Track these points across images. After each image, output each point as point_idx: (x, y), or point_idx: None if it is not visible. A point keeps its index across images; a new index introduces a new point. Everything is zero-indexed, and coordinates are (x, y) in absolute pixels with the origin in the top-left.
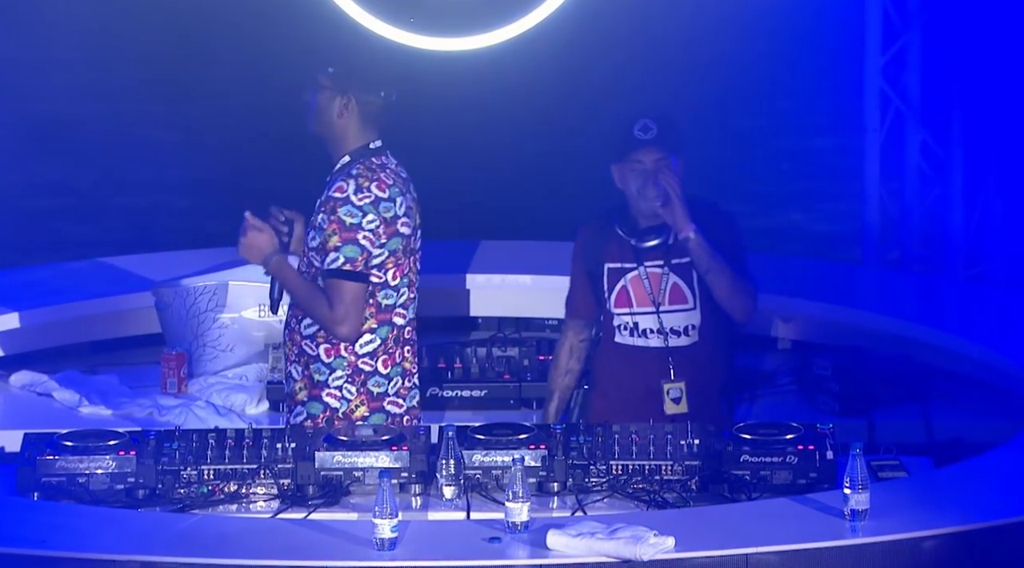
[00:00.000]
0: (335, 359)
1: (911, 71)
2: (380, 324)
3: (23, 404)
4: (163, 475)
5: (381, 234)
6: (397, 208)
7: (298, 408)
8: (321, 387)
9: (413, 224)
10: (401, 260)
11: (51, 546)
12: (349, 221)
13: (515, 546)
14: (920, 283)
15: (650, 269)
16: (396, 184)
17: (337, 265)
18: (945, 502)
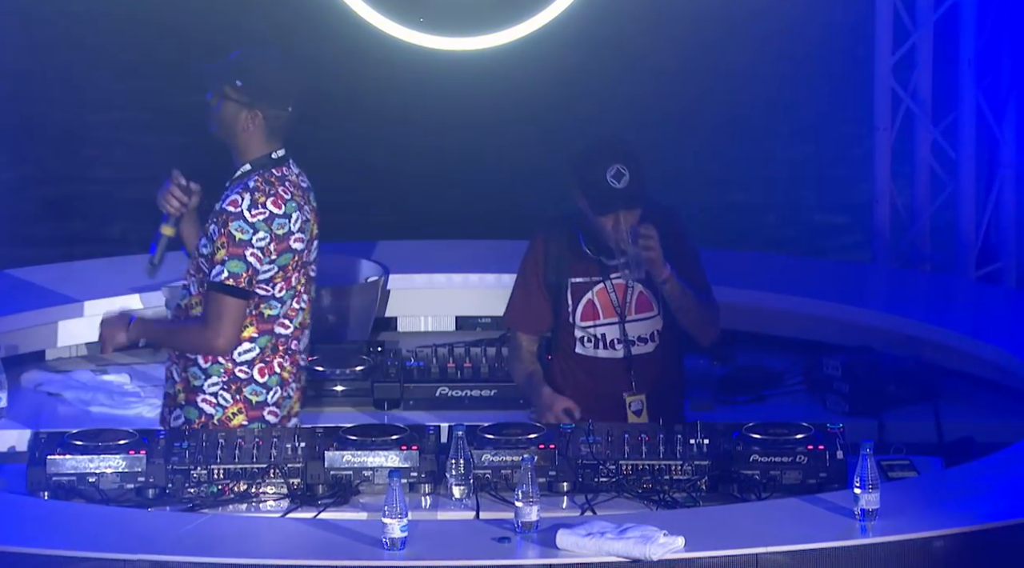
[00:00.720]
0: (211, 365)
1: (921, 70)
2: (260, 334)
3: (33, 403)
4: (173, 474)
5: (271, 251)
6: (291, 224)
7: (176, 411)
8: (197, 392)
9: (308, 237)
10: (291, 274)
11: (61, 545)
12: (239, 237)
13: (525, 546)
14: (931, 283)
15: (616, 281)
16: (293, 198)
17: (220, 279)
18: (955, 502)
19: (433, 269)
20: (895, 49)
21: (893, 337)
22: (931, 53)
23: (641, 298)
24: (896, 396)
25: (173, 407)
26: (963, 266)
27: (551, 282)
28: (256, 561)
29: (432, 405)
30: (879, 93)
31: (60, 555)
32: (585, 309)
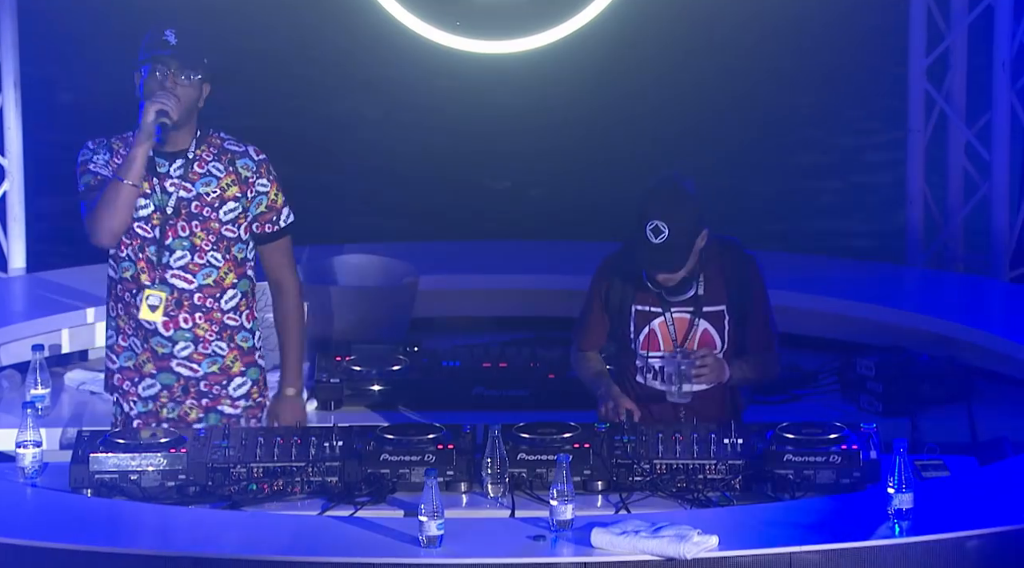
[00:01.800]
0: (254, 323)
1: (955, 72)
2: (240, 278)
3: (77, 402)
4: (213, 472)
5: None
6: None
7: (237, 379)
8: (252, 353)
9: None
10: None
11: (103, 542)
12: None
13: (559, 544)
14: (964, 283)
15: (676, 314)
16: None
17: (292, 220)
18: (989, 502)
19: (474, 270)
20: (929, 51)
21: (926, 337)
22: (965, 55)
23: (705, 335)
24: (929, 396)
25: (229, 378)
26: (997, 267)
27: (614, 306)
28: (294, 558)
29: (468, 404)
30: (913, 95)
31: (102, 551)
32: (647, 339)
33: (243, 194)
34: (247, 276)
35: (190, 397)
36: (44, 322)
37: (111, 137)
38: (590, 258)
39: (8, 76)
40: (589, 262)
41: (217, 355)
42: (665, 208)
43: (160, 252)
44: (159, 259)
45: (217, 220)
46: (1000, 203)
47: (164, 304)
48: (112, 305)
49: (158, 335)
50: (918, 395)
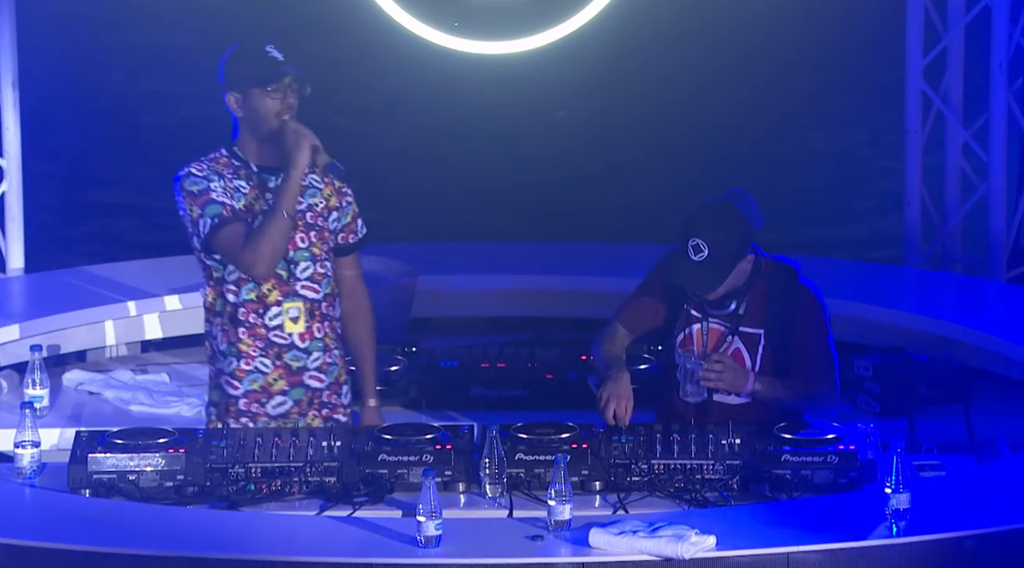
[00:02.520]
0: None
1: (952, 73)
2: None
3: (75, 402)
4: (211, 473)
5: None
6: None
7: (344, 387)
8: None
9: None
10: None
11: (101, 542)
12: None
13: (557, 544)
14: (961, 284)
15: (713, 325)
16: None
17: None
18: (986, 502)
19: (466, 270)
20: (926, 52)
21: (924, 338)
22: (962, 56)
23: (736, 354)
24: (926, 396)
25: (340, 387)
26: (994, 268)
27: (670, 301)
28: (292, 558)
29: (466, 405)
30: (910, 96)
31: (100, 552)
32: (684, 340)
33: (339, 204)
34: None
35: (313, 409)
36: (43, 322)
37: (205, 159)
38: (589, 259)
39: (6, 76)
40: (588, 263)
41: (335, 364)
42: (710, 227)
43: (288, 265)
44: (289, 273)
45: (328, 229)
46: (997, 204)
47: (303, 315)
48: (228, 332)
49: (294, 349)
50: (915, 395)
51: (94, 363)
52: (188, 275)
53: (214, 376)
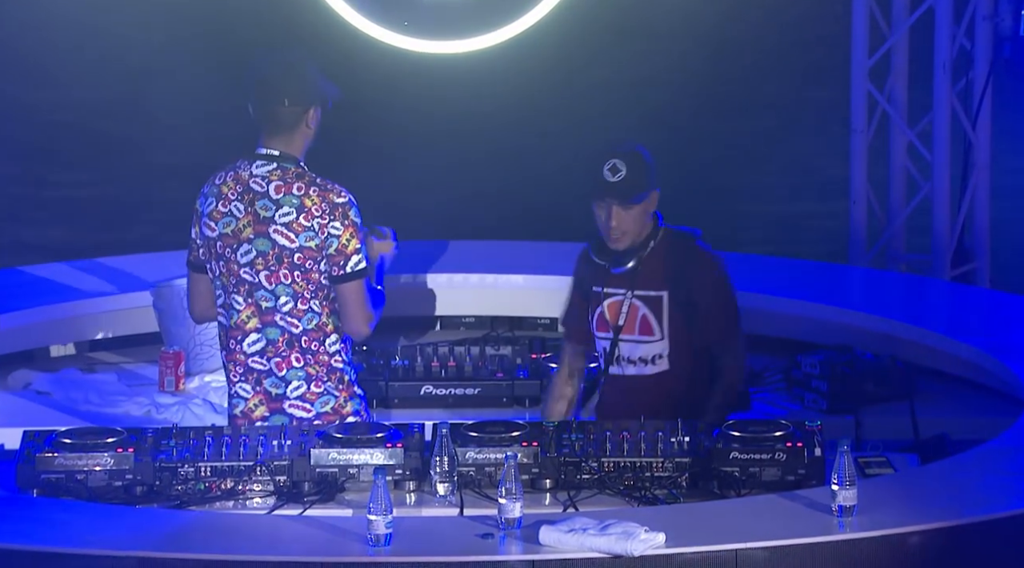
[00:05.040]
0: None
1: (897, 73)
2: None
3: (22, 402)
4: (161, 472)
5: (195, 224)
6: (205, 206)
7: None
8: None
9: (220, 230)
10: (208, 259)
11: (50, 542)
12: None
13: (508, 542)
14: (907, 283)
15: (614, 297)
16: (221, 186)
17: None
18: (931, 498)
19: (416, 269)
20: (871, 53)
21: (870, 336)
22: (906, 56)
23: (644, 320)
24: (873, 394)
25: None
26: (938, 267)
27: (586, 293)
28: (243, 557)
29: (417, 403)
30: (855, 96)
31: (49, 552)
32: (598, 320)
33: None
34: None
35: None
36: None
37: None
38: (541, 257)
39: None
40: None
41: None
42: (623, 154)
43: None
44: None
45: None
46: (941, 203)
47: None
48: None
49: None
50: (862, 393)
51: (42, 362)
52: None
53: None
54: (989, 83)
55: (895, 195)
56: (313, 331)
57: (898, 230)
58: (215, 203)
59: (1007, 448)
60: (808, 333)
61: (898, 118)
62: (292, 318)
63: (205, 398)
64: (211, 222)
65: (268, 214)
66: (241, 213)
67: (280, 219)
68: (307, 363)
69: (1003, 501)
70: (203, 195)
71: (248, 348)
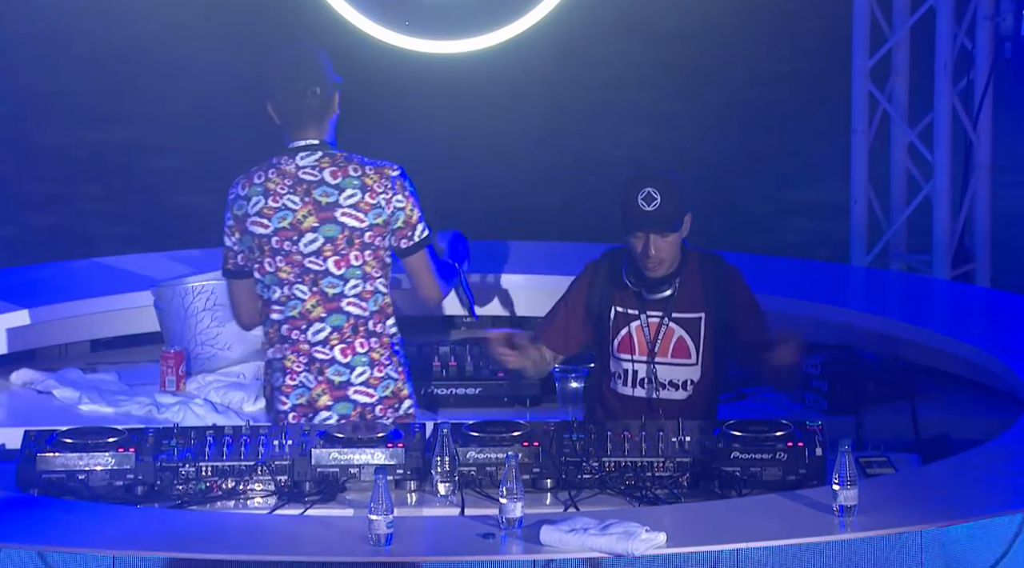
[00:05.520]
0: None
1: (898, 74)
2: (264, 317)
3: (23, 402)
4: (161, 472)
5: (234, 230)
6: (249, 206)
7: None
8: None
9: (279, 225)
10: (259, 257)
11: (51, 542)
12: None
13: (509, 542)
14: (907, 282)
15: (651, 318)
16: (266, 183)
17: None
18: (932, 498)
19: None
20: (872, 53)
21: (871, 336)
22: (907, 56)
23: (679, 343)
24: (874, 394)
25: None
26: (939, 266)
27: (594, 309)
28: (243, 557)
29: (418, 403)
30: (856, 96)
31: (49, 552)
32: (622, 342)
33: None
34: None
35: None
36: None
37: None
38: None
39: None
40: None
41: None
42: (657, 180)
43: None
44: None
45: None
46: (942, 203)
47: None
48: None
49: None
50: (863, 393)
51: (43, 361)
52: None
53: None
54: (990, 83)
55: (896, 195)
56: (377, 313)
57: (899, 230)
58: (263, 200)
59: (1008, 448)
60: (809, 333)
61: (899, 118)
62: (361, 300)
63: (206, 398)
64: (263, 219)
65: (331, 200)
66: (297, 205)
67: (345, 202)
68: (371, 348)
69: (1004, 501)
70: (241, 198)
71: (312, 337)
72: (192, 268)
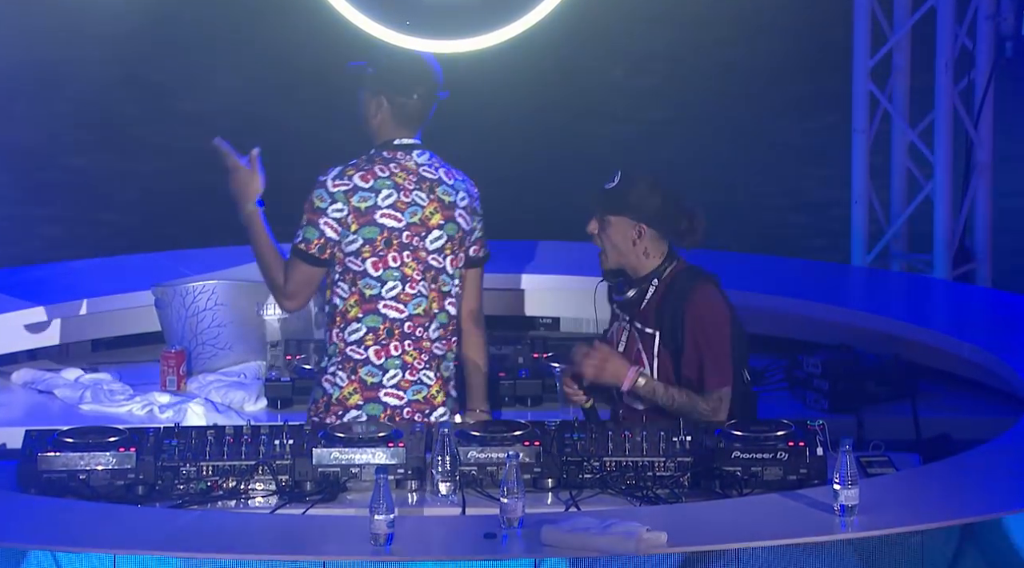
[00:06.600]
0: (330, 346)
1: (898, 73)
2: (365, 313)
3: (24, 401)
4: (162, 471)
5: (350, 223)
6: (379, 199)
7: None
8: (321, 373)
9: (410, 220)
10: (382, 250)
11: (51, 542)
12: (317, 204)
13: (510, 541)
14: (908, 282)
15: (622, 323)
16: (392, 177)
17: (294, 243)
18: (933, 498)
19: None
20: (873, 52)
21: (872, 336)
22: (908, 56)
23: (639, 355)
24: (875, 394)
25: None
26: (939, 266)
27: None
28: (244, 557)
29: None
30: (857, 95)
31: (50, 552)
32: (610, 337)
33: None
34: None
35: None
36: None
37: None
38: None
39: None
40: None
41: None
42: (631, 173)
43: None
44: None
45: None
46: (943, 203)
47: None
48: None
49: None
50: (864, 393)
51: (44, 361)
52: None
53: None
54: (991, 83)
55: (896, 195)
56: (456, 315)
57: (899, 230)
58: (395, 194)
59: (1009, 447)
60: (810, 333)
61: (899, 118)
62: (457, 301)
63: (207, 398)
64: (396, 213)
65: (451, 199)
66: (424, 201)
67: (461, 203)
68: (453, 347)
69: (1005, 501)
70: (365, 189)
71: (433, 334)
72: (192, 268)
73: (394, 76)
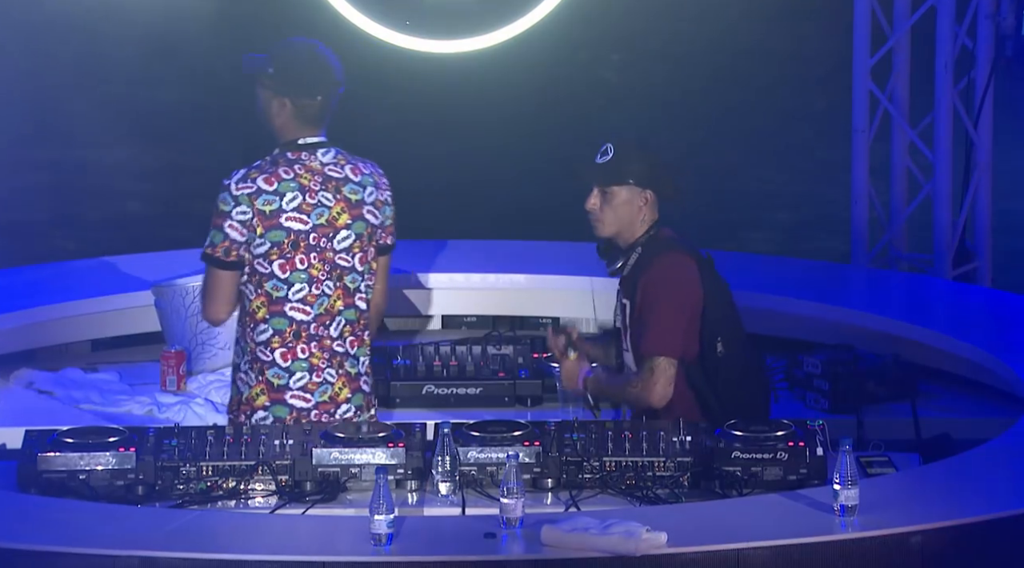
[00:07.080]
0: (242, 343)
1: (898, 73)
2: (272, 315)
3: (24, 401)
4: (162, 471)
5: (255, 225)
6: (283, 202)
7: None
8: (235, 370)
9: (317, 222)
10: (289, 253)
11: (51, 542)
12: (221, 208)
13: (510, 541)
14: (908, 282)
15: (619, 295)
16: (297, 179)
17: (203, 249)
18: (933, 498)
19: (418, 268)
20: (873, 52)
21: (872, 335)
22: (908, 56)
23: (626, 327)
24: (875, 394)
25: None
26: (940, 266)
27: None
28: (245, 557)
29: (419, 403)
30: (857, 95)
31: (50, 551)
32: (617, 318)
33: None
34: None
35: None
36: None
37: None
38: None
39: None
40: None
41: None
42: (620, 138)
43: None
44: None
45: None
46: (943, 203)
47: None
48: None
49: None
50: (864, 393)
51: (44, 361)
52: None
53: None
54: (991, 82)
55: (896, 194)
56: (367, 309)
57: (899, 229)
58: (301, 196)
59: (1009, 447)
60: (810, 332)
61: (899, 117)
62: (367, 295)
63: (207, 397)
64: (302, 216)
65: (358, 197)
66: (331, 202)
67: (368, 199)
68: (365, 341)
69: (1005, 500)
70: (269, 193)
71: (334, 332)
72: (192, 268)
73: (297, 78)
